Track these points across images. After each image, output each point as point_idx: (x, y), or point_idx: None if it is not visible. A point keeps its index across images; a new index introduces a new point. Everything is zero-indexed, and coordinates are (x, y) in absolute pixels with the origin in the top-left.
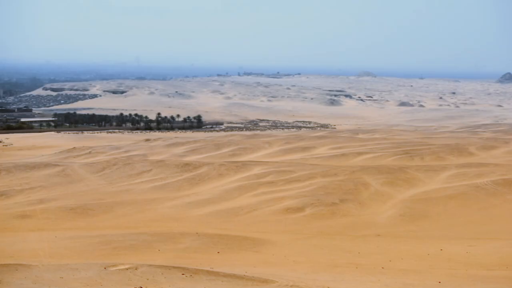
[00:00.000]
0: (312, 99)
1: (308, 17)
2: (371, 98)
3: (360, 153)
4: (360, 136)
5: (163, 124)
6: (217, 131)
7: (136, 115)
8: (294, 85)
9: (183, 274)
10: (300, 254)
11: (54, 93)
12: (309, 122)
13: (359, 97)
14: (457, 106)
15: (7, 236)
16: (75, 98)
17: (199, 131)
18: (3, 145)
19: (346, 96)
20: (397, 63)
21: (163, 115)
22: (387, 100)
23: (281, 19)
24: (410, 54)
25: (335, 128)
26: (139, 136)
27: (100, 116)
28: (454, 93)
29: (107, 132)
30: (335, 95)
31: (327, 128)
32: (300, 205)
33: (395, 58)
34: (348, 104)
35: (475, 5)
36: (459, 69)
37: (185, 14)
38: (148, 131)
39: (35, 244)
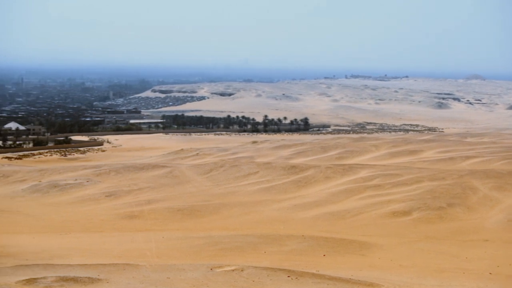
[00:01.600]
0: (419, 102)
1: (416, 20)
2: (480, 102)
3: (468, 157)
4: (469, 139)
5: (270, 126)
6: (323, 133)
7: (243, 117)
8: (401, 88)
9: (288, 276)
10: (406, 258)
11: (162, 95)
12: (417, 125)
13: (467, 100)
14: None
15: (115, 236)
16: (183, 100)
17: (305, 133)
18: (112, 146)
19: (454, 99)
20: (508, 67)
21: (270, 117)
22: (496, 104)
23: (389, 22)
24: None
25: (443, 131)
26: (246, 138)
27: (207, 118)
28: None
29: (215, 134)
30: (443, 98)
31: (434, 131)
32: (406, 209)
33: (506, 61)
34: (456, 108)
35: None
36: None
37: (292, 17)
38: (255, 133)
39: (142, 244)
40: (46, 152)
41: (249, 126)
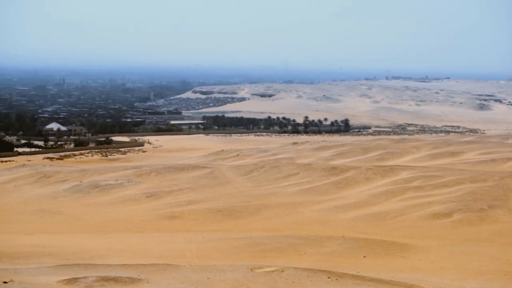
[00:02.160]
0: (461, 103)
1: (458, 21)
2: None
3: (510, 159)
4: (510, 141)
5: (311, 127)
6: (364, 135)
7: (283, 118)
8: (442, 89)
9: (328, 277)
10: (447, 260)
11: (203, 96)
12: (458, 127)
13: (509, 101)
14: None
15: (156, 236)
16: (224, 101)
17: (346, 134)
18: (153, 147)
19: (496, 100)
20: None
21: (310, 118)
22: None
23: (430, 22)
24: None
25: (484, 133)
26: (287, 139)
27: (248, 119)
28: None
29: (255, 135)
30: (485, 100)
31: (476, 133)
32: (447, 211)
33: None
34: (498, 109)
35: None
36: None
37: (332, 18)
38: (295, 134)
39: (183, 245)
40: (87, 153)
41: (289, 127)
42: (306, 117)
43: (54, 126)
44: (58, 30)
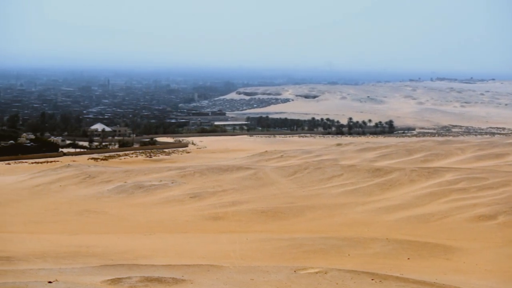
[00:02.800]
0: (506, 105)
1: (503, 21)
2: None
3: None
4: None
5: (355, 128)
6: (408, 136)
7: (327, 119)
8: (487, 91)
9: (372, 279)
10: (492, 263)
11: (247, 97)
12: (503, 129)
13: None
14: None
15: (199, 237)
16: (268, 102)
17: (390, 136)
18: (197, 148)
19: None
20: None
21: (354, 119)
22: None
23: (476, 24)
24: None
25: None
26: (331, 140)
27: (292, 120)
28: None
29: (299, 136)
30: None
31: None
32: (492, 213)
33: None
34: None
35: None
36: None
37: (376, 18)
38: (339, 135)
39: (226, 246)
40: (132, 153)
41: (333, 129)
42: (350, 119)
43: (99, 126)
44: (102, 33)
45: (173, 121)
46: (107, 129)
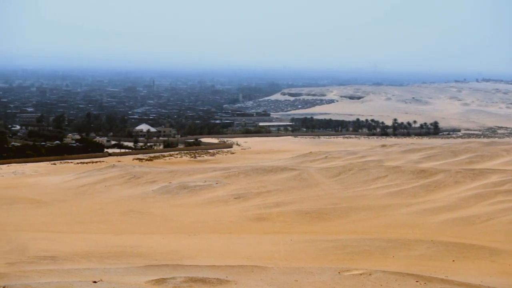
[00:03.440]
0: None
1: None
2: None
3: None
4: None
5: (399, 130)
6: (453, 137)
7: (372, 120)
8: None
9: (417, 281)
10: None
11: (291, 98)
12: None
13: None
14: None
15: (244, 238)
16: (312, 103)
17: (435, 137)
18: (242, 149)
19: None
20: None
21: (399, 121)
22: None
23: None
24: None
25: None
26: (375, 141)
27: (336, 121)
28: None
29: (343, 137)
30: None
31: None
32: None
33: None
34: None
35: None
36: None
37: (419, 18)
38: (384, 136)
39: (270, 247)
40: (176, 154)
41: (378, 130)
42: (395, 120)
43: (143, 127)
44: (154, 39)
45: (217, 121)
46: (152, 129)
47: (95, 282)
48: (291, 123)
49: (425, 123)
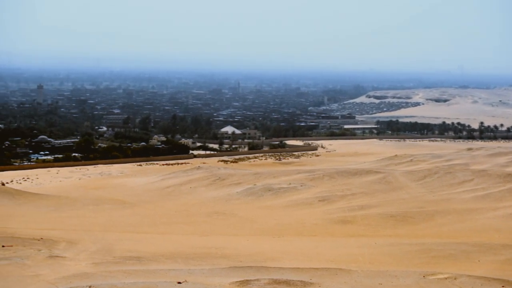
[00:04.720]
0: None
1: None
2: None
3: None
4: None
5: (486, 133)
6: None
7: (458, 123)
8: None
9: (503, 286)
10: None
11: (377, 101)
12: None
13: None
14: None
15: (328, 241)
16: (398, 106)
17: None
18: (326, 151)
19: None
20: None
21: (486, 124)
22: None
23: None
24: None
25: None
26: (461, 145)
27: (422, 124)
28: None
29: (429, 140)
30: None
31: None
32: None
33: None
34: None
35: None
36: None
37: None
38: (470, 140)
39: (355, 250)
40: (261, 156)
41: (464, 133)
42: (482, 123)
43: (228, 129)
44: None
45: (302, 124)
46: (237, 131)
47: (179, 282)
48: (376, 126)
49: None
